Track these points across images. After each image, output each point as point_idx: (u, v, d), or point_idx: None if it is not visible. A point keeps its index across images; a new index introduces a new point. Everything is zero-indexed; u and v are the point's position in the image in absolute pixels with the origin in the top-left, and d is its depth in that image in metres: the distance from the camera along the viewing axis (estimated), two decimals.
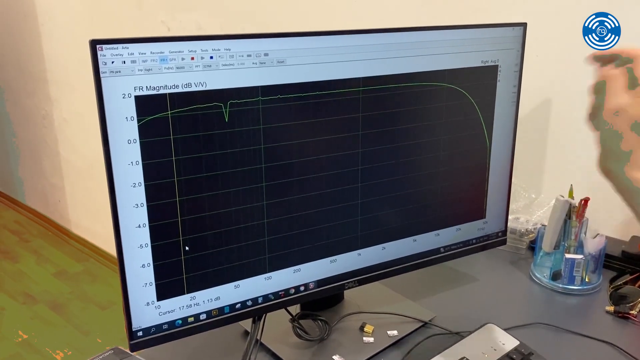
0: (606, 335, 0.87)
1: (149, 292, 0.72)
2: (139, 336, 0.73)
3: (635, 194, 0.57)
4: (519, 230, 1.13)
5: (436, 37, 0.85)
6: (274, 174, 0.76)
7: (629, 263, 1.04)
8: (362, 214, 0.86)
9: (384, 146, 0.84)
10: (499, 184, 0.98)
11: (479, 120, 0.92)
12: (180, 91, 0.67)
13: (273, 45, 0.72)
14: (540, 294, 1.01)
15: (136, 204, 0.68)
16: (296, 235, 0.81)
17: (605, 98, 0.60)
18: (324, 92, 0.77)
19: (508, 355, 0.79)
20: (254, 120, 0.73)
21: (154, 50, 0.65)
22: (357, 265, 0.88)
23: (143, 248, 0.70)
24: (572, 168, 1.18)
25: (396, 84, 0.83)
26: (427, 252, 0.94)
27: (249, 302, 0.79)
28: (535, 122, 1.19)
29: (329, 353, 0.84)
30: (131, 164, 0.67)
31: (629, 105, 0.58)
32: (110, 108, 0.64)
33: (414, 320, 0.91)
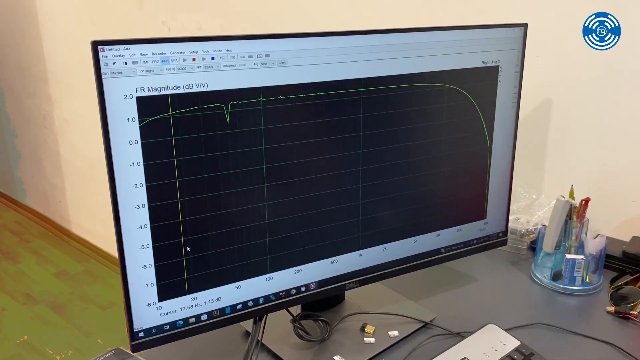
0: (607, 336, 0.87)
1: (150, 292, 0.72)
2: (140, 337, 0.73)
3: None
4: (520, 230, 1.13)
5: (437, 38, 0.85)
6: (275, 175, 0.76)
7: (630, 263, 1.04)
8: (363, 215, 0.86)
9: (385, 147, 0.85)
10: (499, 185, 0.98)
11: (480, 121, 0.92)
12: (181, 92, 0.68)
13: (274, 46, 0.72)
14: (541, 294, 1.01)
15: (138, 205, 0.68)
16: (297, 236, 0.81)
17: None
18: (325, 93, 0.77)
19: (509, 355, 0.80)
20: (256, 121, 0.73)
21: (156, 51, 0.65)
22: (358, 266, 0.88)
23: (144, 249, 0.70)
24: (572, 169, 1.18)
25: (397, 84, 0.83)
26: (428, 252, 0.94)
27: (250, 302, 0.79)
28: (536, 123, 1.19)
29: (330, 353, 0.84)
30: (133, 165, 0.67)
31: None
32: (111, 109, 0.64)
33: (415, 321, 0.91)
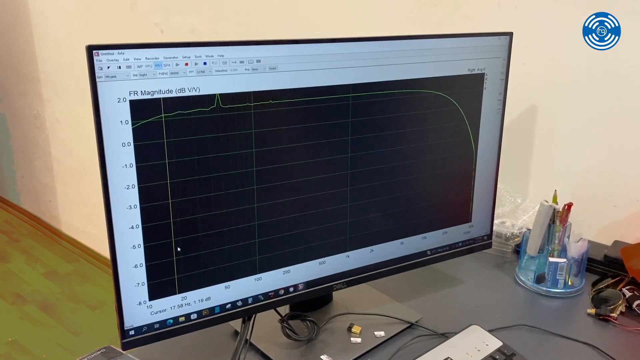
0: (587, 337, 0.89)
1: (141, 291, 0.73)
2: (130, 335, 0.74)
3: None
4: (505, 234, 1.15)
5: (424, 46, 0.87)
6: (265, 178, 0.78)
7: (611, 267, 1.06)
8: (351, 217, 0.87)
9: (373, 151, 0.86)
10: (484, 189, 1.01)
11: (466, 127, 0.95)
12: (174, 96, 0.69)
13: (265, 52, 0.74)
14: (524, 296, 1.03)
15: (130, 206, 0.70)
16: (286, 237, 0.83)
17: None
18: (315, 98, 0.79)
19: (491, 355, 0.82)
20: (246, 124, 0.75)
21: (149, 55, 0.67)
22: (346, 267, 0.89)
23: (136, 249, 0.71)
24: (556, 174, 1.20)
25: (385, 90, 0.85)
26: (414, 254, 0.96)
27: (239, 302, 0.81)
28: (520, 129, 1.22)
29: (317, 353, 0.85)
30: (125, 167, 0.68)
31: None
32: (105, 112, 0.66)
33: (401, 322, 0.92)
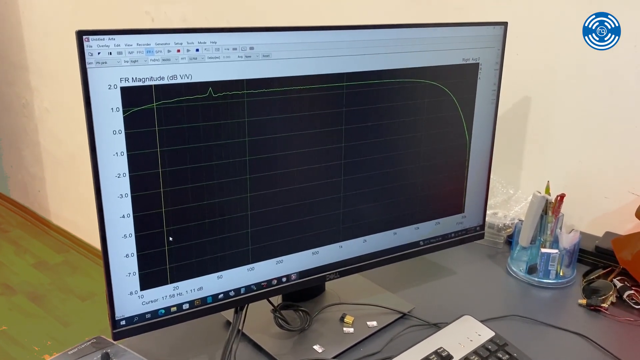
0: (578, 327, 0.90)
1: (132, 281, 0.73)
2: (122, 325, 0.73)
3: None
4: (497, 225, 1.15)
5: (419, 35, 0.86)
6: (257, 167, 0.77)
7: (602, 258, 1.07)
8: (344, 207, 0.87)
9: (367, 141, 0.86)
10: (477, 180, 1.00)
11: (459, 117, 0.94)
12: (165, 83, 0.68)
13: (259, 39, 0.73)
14: (516, 287, 1.04)
15: (121, 195, 0.69)
16: (279, 227, 0.82)
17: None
18: (308, 87, 0.78)
19: (483, 345, 0.82)
20: (239, 113, 0.74)
21: (140, 42, 0.66)
22: (339, 257, 0.89)
23: (127, 238, 0.71)
24: (549, 165, 1.20)
25: (379, 79, 0.84)
26: (407, 245, 0.96)
27: (231, 292, 0.80)
28: (514, 120, 1.22)
29: (310, 343, 0.85)
30: (116, 155, 0.67)
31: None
32: (96, 99, 0.65)
33: (393, 312, 0.92)
